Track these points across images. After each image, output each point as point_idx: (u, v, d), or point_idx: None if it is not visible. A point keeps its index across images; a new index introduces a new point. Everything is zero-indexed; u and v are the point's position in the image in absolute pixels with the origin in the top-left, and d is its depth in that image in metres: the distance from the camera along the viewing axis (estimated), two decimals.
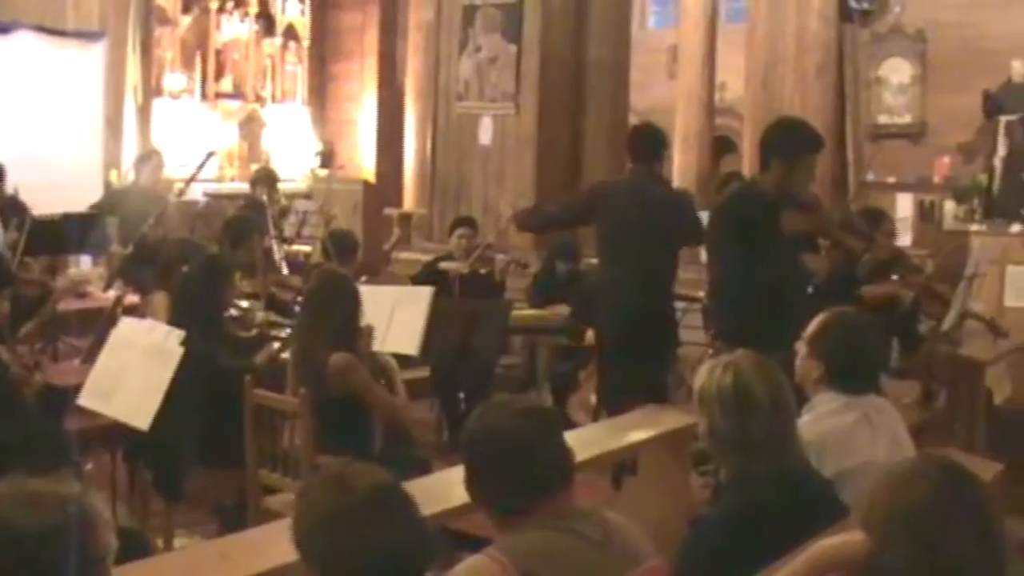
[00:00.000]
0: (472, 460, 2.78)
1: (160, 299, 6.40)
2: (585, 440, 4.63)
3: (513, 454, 2.69)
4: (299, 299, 6.17)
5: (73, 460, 3.22)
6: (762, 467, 3.23)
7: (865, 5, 14.26)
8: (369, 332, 5.43)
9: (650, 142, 6.72)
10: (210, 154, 9.84)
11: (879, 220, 6.89)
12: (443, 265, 8.15)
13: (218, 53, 16.38)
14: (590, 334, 7.38)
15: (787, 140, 5.46)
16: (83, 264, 10.66)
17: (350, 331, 5.24)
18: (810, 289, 5.86)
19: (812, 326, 4.00)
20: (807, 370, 3.96)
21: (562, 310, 8.19)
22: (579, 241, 8.65)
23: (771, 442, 3.23)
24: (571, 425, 6.42)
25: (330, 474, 2.46)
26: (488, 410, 2.81)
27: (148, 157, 10.17)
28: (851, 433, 3.81)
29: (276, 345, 6.20)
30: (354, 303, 5.29)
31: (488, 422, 2.77)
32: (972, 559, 2.31)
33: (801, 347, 3.99)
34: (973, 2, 13.64)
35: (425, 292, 6.92)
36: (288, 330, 6.23)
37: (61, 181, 11.50)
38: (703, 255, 6.49)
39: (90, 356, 5.90)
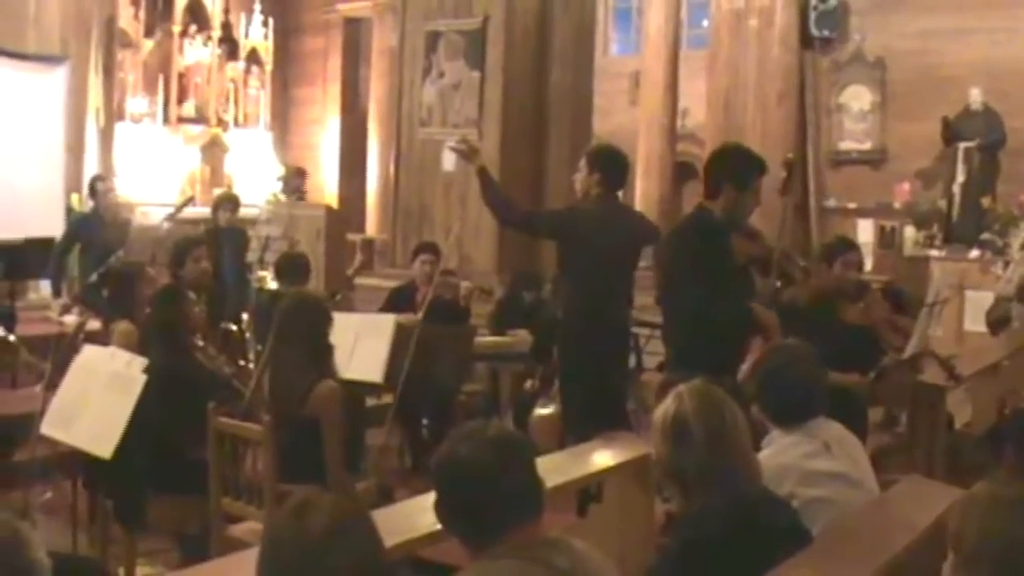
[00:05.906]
0: (443, 488, 2.76)
1: (122, 327, 6.33)
2: (549, 468, 4.62)
3: (484, 483, 2.67)
4: None
5: None
6: (705, 498, 3.24)
7: (826, 33, 14.40)
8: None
9: (624, 170, 6.71)
10: (190, 198, 9.91)
11: (842, 250, 6.83)
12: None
13: (181, 77, 16.36)
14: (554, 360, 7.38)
15: (738, 165, 5.48)
16: (43, 289, 10.60)
17: (325, 352, 5.23)
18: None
19: (747, 373, 4.04)
20: (759, 415, 4.00)
21: (524, 335, 8.21)
22: (541, 270, 8.69)
23: (708, 474, 3.24)
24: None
25: (291, 504, 2.42)
26: (461, 437, 2.77)
27: (98, 181, 10.18)
28: (810, 463, 3.83)
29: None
30: (327, 324, 5.26)
31: (460, 450, 2.73)
32: None
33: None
34: (932, 31, 13.79)
35: (388, 321, 6.92)
36: None
37: (22, 205, 11.43)
38: None
39: (51, 383, 5.84)
